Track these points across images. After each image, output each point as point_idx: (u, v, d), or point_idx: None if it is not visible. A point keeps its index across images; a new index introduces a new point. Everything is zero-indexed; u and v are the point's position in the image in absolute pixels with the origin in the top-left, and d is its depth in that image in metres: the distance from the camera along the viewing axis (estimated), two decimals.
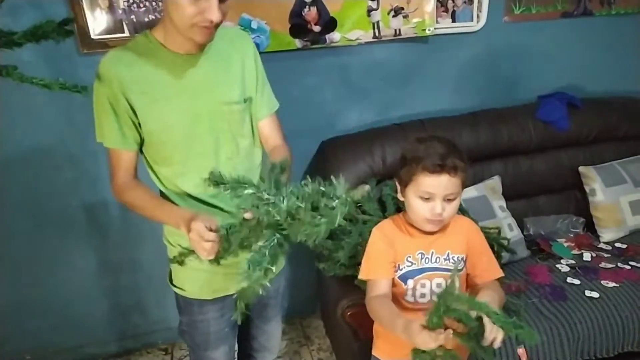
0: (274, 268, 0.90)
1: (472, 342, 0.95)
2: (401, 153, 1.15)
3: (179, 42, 1.08)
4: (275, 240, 0.91)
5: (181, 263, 1.11)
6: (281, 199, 0.89)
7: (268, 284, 0.90)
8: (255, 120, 1.26)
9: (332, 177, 0.88)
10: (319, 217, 0.85)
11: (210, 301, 1.27)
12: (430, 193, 1.07)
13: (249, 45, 1.23)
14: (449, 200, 1.08)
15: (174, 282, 1.30)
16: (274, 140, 1.28)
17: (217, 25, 1.03)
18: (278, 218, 0.89)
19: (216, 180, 1.01)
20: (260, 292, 0.90)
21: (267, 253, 0.89)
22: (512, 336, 0.89)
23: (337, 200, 0.85)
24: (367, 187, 0.89)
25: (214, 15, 0.99)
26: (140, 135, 1.13)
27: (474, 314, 0.90)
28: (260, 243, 0.93)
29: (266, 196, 0.92)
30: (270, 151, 1.28)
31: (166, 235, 1.27)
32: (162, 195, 1.21)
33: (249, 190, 0.95)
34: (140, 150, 1.17)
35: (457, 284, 0.90)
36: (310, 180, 0.90)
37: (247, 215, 0.94)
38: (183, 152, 1.15)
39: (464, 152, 1.10)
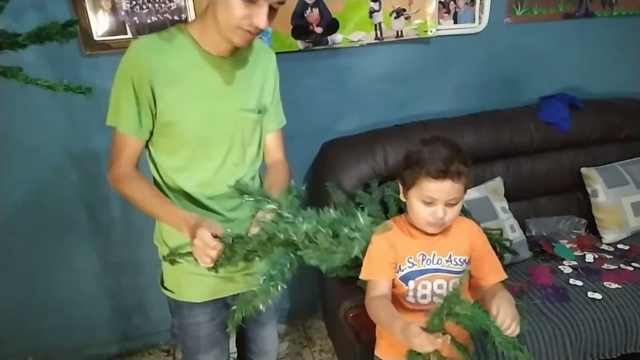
0: (280, 286, 0.90)
1: (468, 354, 0.95)
2: (405, 154, 1.15)
3: (214, 42, 1.08)
4: (289, 260, 0.90)
5: (172, 262, 1.10)
6: (301, 220, 0.88)
7: (270, 302, 0.90)
8: (263, 133, 1.27)
9: (357, 210, 0.88)
10: (337, 245, 0.85)
11: (201, 304, 1.26)
12: (433, 198, 1.06)
13: (272, 61, 1.26)
14: (451, 205, 1.08)
15: (165, 285, 1.29)
16: (277, 155, 1.30)
17: (258, 33, 1.04)
18: (295, 238, 0.88)
19: (240, 189, 1.01)
20: (261, 308, 0.90)
21: (279, 271, 0.89)
22: (511, 357, 0.89)
23: (358, 233, 0.85)
24: (389, 224, 0.90)
25: (262, 22, 0.99)
26: (153, 125, 1.12)
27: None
28: (270, 259, 0.93)
29: (286, 214, 0.92)
30: (271, 165, 1.29)
31: (157, 235, 1.26)
32: (156, 184, 1.20)
33: (271, 206, 0.95)
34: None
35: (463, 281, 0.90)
36: (334, 207, 0.90)
37: (253, 231, 0.94)
38: (192, 150, 1.14)
39: (467, 154, 1.10)
